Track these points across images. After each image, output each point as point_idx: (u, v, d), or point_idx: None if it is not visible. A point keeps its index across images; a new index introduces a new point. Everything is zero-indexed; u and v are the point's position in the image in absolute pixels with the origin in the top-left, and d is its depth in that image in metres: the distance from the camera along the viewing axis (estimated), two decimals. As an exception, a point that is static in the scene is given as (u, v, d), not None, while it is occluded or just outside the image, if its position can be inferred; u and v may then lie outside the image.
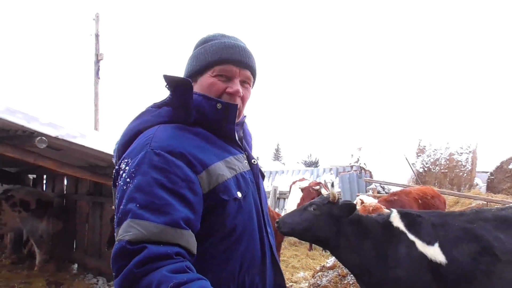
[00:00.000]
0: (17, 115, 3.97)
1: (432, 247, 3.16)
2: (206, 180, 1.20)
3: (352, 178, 13.48)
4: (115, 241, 1.09)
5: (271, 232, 1.42)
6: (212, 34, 1.45)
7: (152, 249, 1.04)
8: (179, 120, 1.31)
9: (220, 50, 1.36)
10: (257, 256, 1.31)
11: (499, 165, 13.44)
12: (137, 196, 1.11)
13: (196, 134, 1.29)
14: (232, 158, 1.32)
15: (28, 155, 4.53)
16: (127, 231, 1.07)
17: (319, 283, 4.48)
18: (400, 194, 6.58)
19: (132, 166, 1.17)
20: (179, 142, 1.21)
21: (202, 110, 1.31)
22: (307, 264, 8.00)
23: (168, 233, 1.08)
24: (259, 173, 1.48)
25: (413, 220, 3.33)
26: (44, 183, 8.63)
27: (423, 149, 14.67)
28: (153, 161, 1.15)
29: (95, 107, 15.51)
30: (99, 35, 15.54)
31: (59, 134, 4.18)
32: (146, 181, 1.12)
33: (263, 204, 1.39)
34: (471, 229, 3.21)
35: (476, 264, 3.08)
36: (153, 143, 1.19)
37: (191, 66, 1.41)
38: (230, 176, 1.26)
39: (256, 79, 1.48)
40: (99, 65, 15.53)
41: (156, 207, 1.09)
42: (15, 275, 6.36)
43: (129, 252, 1.04)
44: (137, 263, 1.02)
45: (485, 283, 3.06)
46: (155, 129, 1.26)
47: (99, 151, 4.56)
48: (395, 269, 3.17)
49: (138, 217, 1.08)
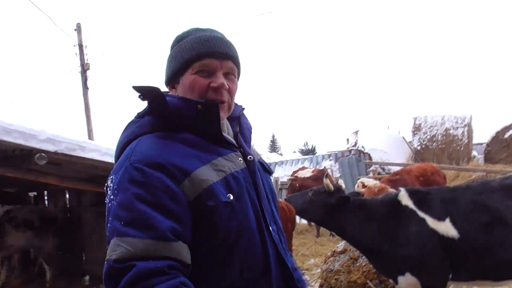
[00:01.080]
0: (14, 135, 3.93)
1: (443, 223, 3.16)
2: (189, 188, 1.15)
3: (351, 162, 13.54)
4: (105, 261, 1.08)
5: (276, 230, 1.33)
6: (186, 30, 1.37)
7: (141, 266, 1.02)
8: (161, 128, 1.27)
9: (197, 45, 1.28)
10: (259, 259, 1.23)
11: (494, 135, 13.50)
12: (120, 213, 1.10)
13: (180, 141, 1.24)
14: (221, 159, 1.25)
15: (29, 174, 4.51)
16: (114, 250, 1.06)
17: (331, 268, 4.52)
18: (402, 173, 6.65)
19: (115, 183, 1.16)
20: (158, 152, 1.18)
21: (182, 114, 1.25)
22: (316, 251, 8.05)
23: (156, 247, 1.06)
24: (262, 168, 1.43)
25: (422, 197, 3.35)
26: (45, 199, 8.58)
27: (419, 126, 14.72)
28: (133, 176, 1.13)
29: (87, 118, 15.39)
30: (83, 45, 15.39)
31: (58, 148, 4.16)
32: (127, 197, 1.10)
33: (262, 202, 1.30)
34: (480, 201, 3.22)
35: (490, 235, 3.09)
36: (132, 157, 1.17)
37: (170, 68, 1.35)
38: (218, 179, 1.20)
39: (241, 69, 1.39)
40: (86, 75, 15.39)
41: (140, 223, 1.07)
42: (28, 294, 6.34)
43: (117, 271, 1.03)
44: (127, 283, 1.01)
45: (500, 253, 3.06)
46: (136, 141, 1.23)
47: (99, 161, 4.54)
48: (407, 248, 3.18)
49: (123, 235, 1.06)
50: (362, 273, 4.03)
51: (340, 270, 4.26)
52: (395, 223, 3.29)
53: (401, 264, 3.22)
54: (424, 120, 14.86)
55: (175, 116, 1.26)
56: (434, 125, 14.57)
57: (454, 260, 3.16)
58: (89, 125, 15.13)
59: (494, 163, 12.62)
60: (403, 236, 3.22)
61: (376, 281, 3.92)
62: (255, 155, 1.46)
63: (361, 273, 4.03)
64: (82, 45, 15.31)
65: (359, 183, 6.48)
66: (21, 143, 4.01)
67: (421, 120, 14.91)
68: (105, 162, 4.50)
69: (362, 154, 14.20)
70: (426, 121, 14.79)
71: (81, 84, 15.27)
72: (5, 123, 3.96)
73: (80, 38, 15.43)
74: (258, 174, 1.34)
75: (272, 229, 1.30)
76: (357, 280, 3.99)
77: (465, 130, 14.09)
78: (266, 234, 1.26)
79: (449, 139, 14.06)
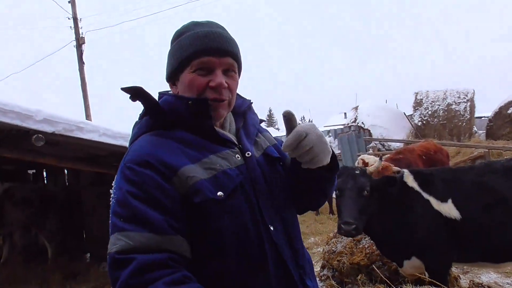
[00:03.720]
0: (10, 115, 3.83)
1: (446, 204, 3.16)
2: (179, 185, 1.16)
3: (351, 138, 13.48)
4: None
5: (281, 229, 1.28)
6: (185, 25, 1.34)
7: (142, 258, 1.05)
8: (157, 127, 1.28)
9: (194, 42, 1.25)
10: (254, 259, 1.20)
11: (497, 110, 13.28)
12: (119, 210, 1.13)
13: (172, 138, 1.24)
14: (213, 157, 1.23)
15: (27, 154, 4.44)
16: (114, 243, 1.09)
17: (334, 250, 4.51)
18: (405, 152, 6.59)
19: (115, 183, 1.21)
20: (148, 150, 1.19)
21: (176, 111, 1.25)
22: (316, 229, 8.11)
23: (156, 241, 1.08)
24: (269, 160, 1.37)
25: (426, 179, 3.33)
26: (44, 177, 8.56)
27: (420, 102, 14.57)
28: (126, 175, 1.17)
29: (83, 93, 15.19)
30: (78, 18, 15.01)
31: (56, 129, 4.07)
32: (122, 195, 1.14)
33: (260, 200, 1.26)
34: (482, 182, 3.22)
35: (491, 216, 3.10)
36: (126, 157, 1.21)
37: (170, 65, 1.33)
38: (207, 176, 1.18)
39: (242, 64, 1.36)
40: (82, 49, 15.10)
41: (138, 218, 1.10)
42: (30, 271, 6.39)
43: (119, 263, 1.05)
44: (129, 275, 1.03)
45: (501, 234, 3.08)
46: (134, 142, 1.27)
47: (98, 141, 4.45)
48: (415, 230, 3.18)
49: (122, 230, 1.09)
50: (365, 255, 4.02)
51: (343, 252, 4.25)
52: (402, 204, 3.25)
53: (409, 247, 3.21)
54: (425, 95, 14.71)
55: (169, 114, 1.26)
56: (436, 100, 14.43)
57: (458, 241, 3.16)
58: (86, 101, 14.97)
59: (496, 138, 12.48)
60: (411, 219, 3.21)
61: (379, 263, 3.92)
62: (263, 144, 1.42)
63: (364, 255, 4.02)
64: (77, 18, 14.94)
65: (359, 160, 6.41)
66: (17, 123, 3.91)
67: (422, 95, 14.77)
68: (103, 143, 4.42)
69: (362, 130, 14.12)
70: (427, 96, 14.65)
71: (77, 58, 15.00)
72: (0, 103, 3.84)
73: (75, 11, 15.05)
74: (257, 171, 1.30)
75: (274, 227, 1.25)
76: (360, 262, 3.99)
77: (468, 105, 13.96)
78: (263, 233, 1.23)
79: (451, 115, 13.96)
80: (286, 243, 1.28)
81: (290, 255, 1.28)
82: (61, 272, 6.16)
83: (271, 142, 1.47)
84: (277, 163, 1.40)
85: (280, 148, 1.46)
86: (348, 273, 4.12)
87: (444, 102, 14.13)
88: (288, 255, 1.27)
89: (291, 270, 1.26)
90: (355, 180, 3.10)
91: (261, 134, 1.47)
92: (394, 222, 3.24)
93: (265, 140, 1.45)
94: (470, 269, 4.79)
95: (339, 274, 4.23)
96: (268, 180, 1.32)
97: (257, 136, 1.44)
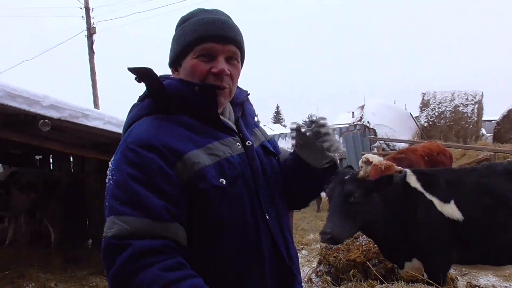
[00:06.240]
0: (18, 100, 3.88)
1: (448, 205, 3.15)
2: (182, 170, 1.16)
3: (356, 137, 13.42)
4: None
5: (275, 216, 1.31)
6: (191, 12, 1.34)
7: (138, 244, 1.04)
8: (160, 110, 1.27)
9: (198, 28, 1.25)
10: (252, 246, 1.23)
11: (505, 113, 13.13)
12: (117, 193, 1.12)
13: (176, 123, 1.24)
14: (217, 143, 1.24)
15: (33, 139, 4.50)
16: (110, 227, 1.08)
17: (331, 246, 4.54)
18: (407, 152, 6.58)
19: (113, 164, 1.19)
20: (153, 134, 1.19)
21: (181, 96, 1.25)
22: (316, 226, 8.14)
23: (153, 227, 1.08)
24: (265, 151, 1.41)
25: (429, 180, 3.31)
26: (51, 163, 8.66)
27: (427, 102, 14.46)
28: (128, 157, 1.15)
29: (92, 83, 15.31)
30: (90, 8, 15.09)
31: (62, 115, 4.13)
32: (123, 177, 1.13)
33: (259, 189, 1.28)
34: (484, 184, 3.22)
35: (493, 218, 3.10)
36: (128, 139, 1.19)
37: (173, 50, 1.33)
38: (211, 163, 1.19)
39: (245, 52, 1.37)
40: (92, 39, 15.19)
41: (136, 203, 1.09)
42: (33, 253, 6.50)
43: (114, 247, 1.05)
44: (124, 261, 1.03)
45: (502, 235, 3.08)
46: (135, 124, 1.26)
47: (102, 129, 4.52)
48: (418, 232, 3.15)
49: (120, 213, 1.09)
50: (362, 252, 4.04)
51: (340, 248, 4.27)
52: (405, 206, 3.24)
53: (411, 248, 3.18)
54: (433, 96, 14.60)
55: (173, 98, 1.26)
56: (443, 101, 14.31)
57: (460, 242, 3.16)
58: (95, 90, 15.09)
59: (503, 142, 12.31)
60: (413, 219, 3.18)
61: (376, 261, 3.94)
62: (260, 137, 1.45)
63: (360, 252, 4.05)
64: (89, 8, 15.02)
65: (363, 159, 6.42)
66: (25, 108, 3.97)
67: (429, 96, 14.65)
68: (107, 131, 4.48)
69: (367, 130, 14.07)
70: (435, 97, 14.53)
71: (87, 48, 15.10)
72: (9, 87, 3.91)
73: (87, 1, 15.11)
74: (256, 160, 1.33)
75: (269, 216, 1.29)
76: (356, 259, 4.01)
77: (475, 108, 13.82)
78: (260, 221, 1.26)
79: (458, 116, 13.83)
80: (279, 232, 1.31)
81: (283, 244, 1.31)
82: (63, 256, 6.26)
83: (267, 137, 1.50)
84: (273, 157, 1.44)
85: (275, 144, 1.53)
86: (344, 269, 4.14)
87: (451, 104, 14.01)
88: (282, 244, 1.30)
89: (285, 259, 1.29)
90: (342, 186, 3.04)
91: (256, 128, 1.49)
92: (396, 222, 3.20)
93: (261, 133, 1.49)
94: (468, 271, 4.77)
95: (335, 270, 4.26)
96: (265, 170, 1.35)
97: (254, 128, 1.47)
